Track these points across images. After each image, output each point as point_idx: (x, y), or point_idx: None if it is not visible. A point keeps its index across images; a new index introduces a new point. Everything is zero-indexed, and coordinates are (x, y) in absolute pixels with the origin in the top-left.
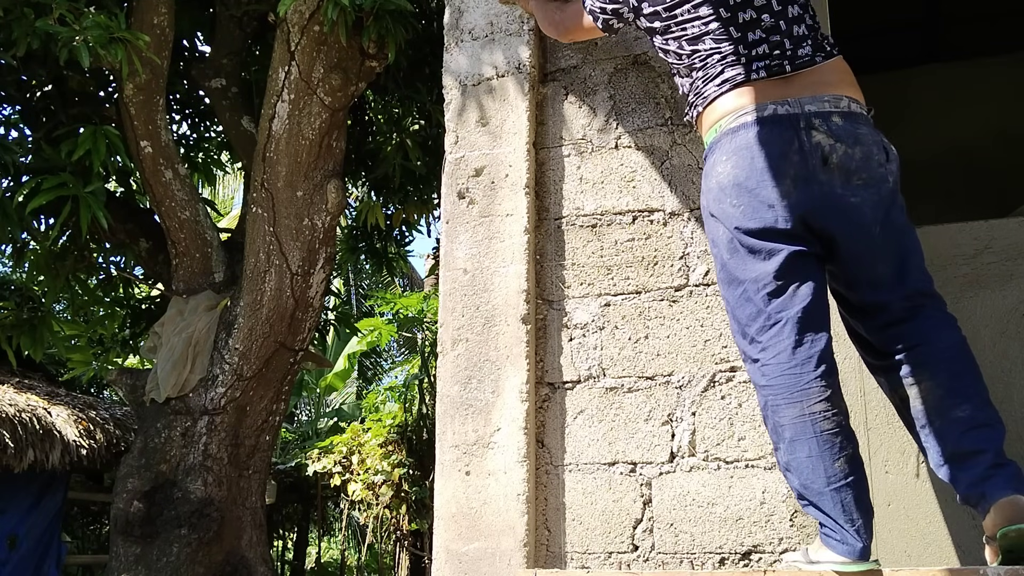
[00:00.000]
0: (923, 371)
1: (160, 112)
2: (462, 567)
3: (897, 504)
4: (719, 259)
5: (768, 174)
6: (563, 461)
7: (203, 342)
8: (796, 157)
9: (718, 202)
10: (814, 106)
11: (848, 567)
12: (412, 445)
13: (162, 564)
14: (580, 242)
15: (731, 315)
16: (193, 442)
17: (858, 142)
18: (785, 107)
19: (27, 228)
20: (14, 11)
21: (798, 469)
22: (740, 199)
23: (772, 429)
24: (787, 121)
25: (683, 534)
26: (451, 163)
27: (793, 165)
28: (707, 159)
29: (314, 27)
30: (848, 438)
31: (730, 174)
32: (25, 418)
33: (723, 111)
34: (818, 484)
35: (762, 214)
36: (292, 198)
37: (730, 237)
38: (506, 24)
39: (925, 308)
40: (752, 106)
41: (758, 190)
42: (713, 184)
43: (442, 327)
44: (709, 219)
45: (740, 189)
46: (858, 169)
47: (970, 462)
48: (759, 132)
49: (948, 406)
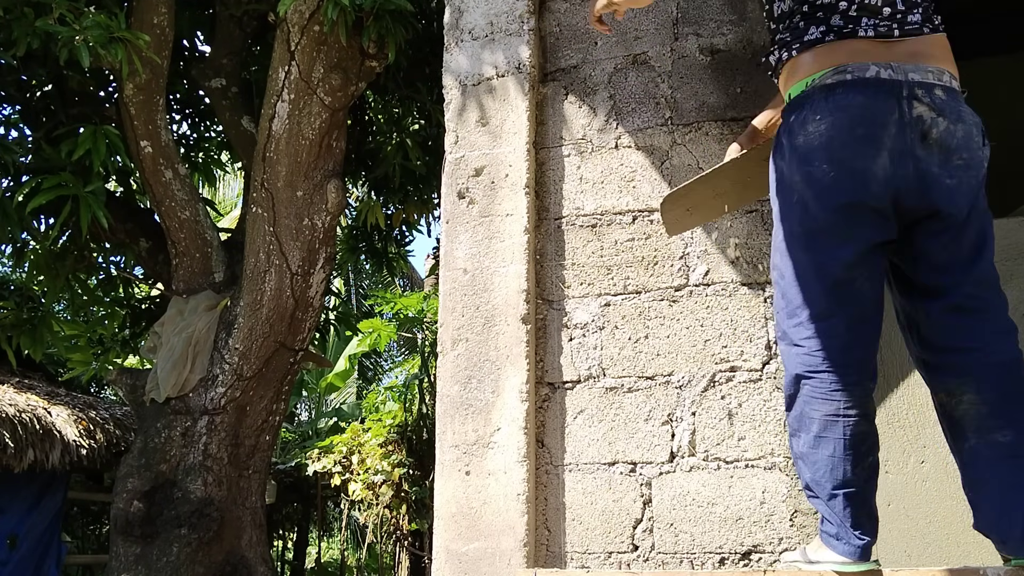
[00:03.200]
0: (969, 382)
1: (160, 112)
2: (462, 567)
3: (897, 504)
4: (786, 224)
5: (866, 144)
6: (563, 461)
7: (203, 342)
8: (894, 128)
9: (804, 163)
10: (918, 75)
11: (848, 567)
12: (412, 445)
13: (162, 564)
14: (580, 242)
15: (781, 289)
16: (193, 442)
17: (960, 119)
18: (889, 71)
19: (27, 228)
20: (14, 11)
21: (815, 464)
22: (832, 166)
23: (796, 416)
24: (889, 87)
25: (683, 534)
26: (451, 163)
27: (891, 137)
28: (792, 113)
29: (314, 27)
30: (872, 447)
31: (824, 135)
32: (25, 418)
33: (820, 63)
34: (832, 484)
35: (853, 187)
36: (292, 198)
37: (807, 206)
38: (506, 24)
39: (990, 309)
40: (854, 65)
41: (853, 160)
42: (800, 142)
43: (442, 327)
44: (785, 179)
45: (832, 155)
46: (958, 148)
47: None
48: (861, 95)
49: (990, 427)
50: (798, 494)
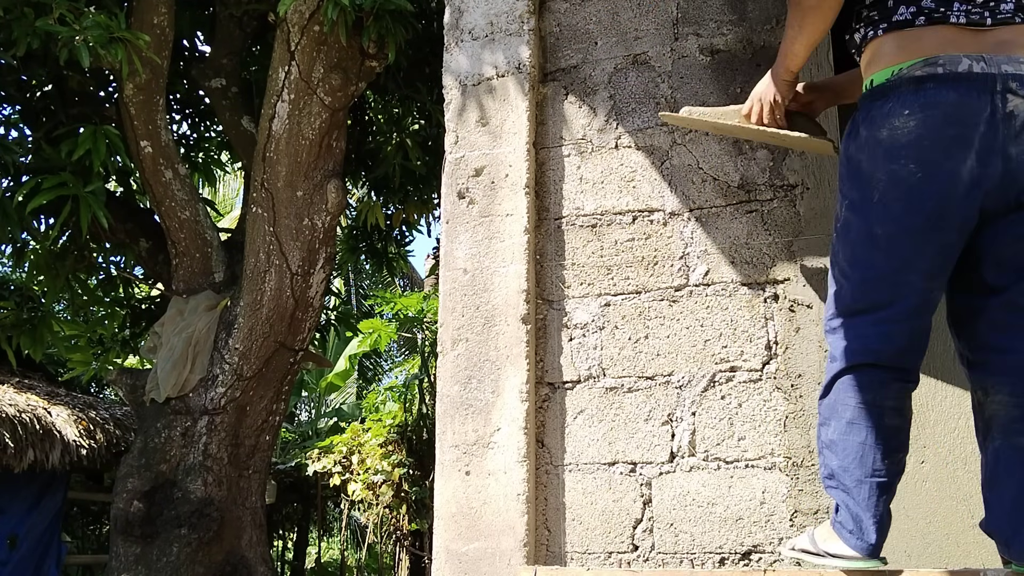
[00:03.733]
0: (1006, 382)
1: (160, 112)
2: (462, 567)
3: (897, 504)
4: (861, 219)
5: (958, 145)
6: (563, 461)
7: (203, 342)
8: (984, 127)
9: (889, 159)
10: (1011, 67)
11: (857, 563)
12: (412, 445)
13: (162, 564)
14: (580, 242)
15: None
16: (193, 442)
17: None
18: (981, 64)
19: (27, 228)
20: (14, 11)
21: (843, 451)
22: (920, 167)
23: (829, 405)
24: (982, 82)
25: (683, 534)
26: (451, 163)
27: (981, 136)
28: (874, 102)
29: (314, 27)
30: (903, 446)
31: (912, 132)
32: (25, 418)
33: (908, 51)
34: (861, 471)
35: (941, 191)
36: (292, 198)
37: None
38: (506, 24)
39: None
40: (946, 57)
41: (943, 163)
42: (884, 135)
43: (442, 327)
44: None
45: (922, 155)
46: None
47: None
48: (953, 92)
49: (1017, 430)
50: (798, 494)
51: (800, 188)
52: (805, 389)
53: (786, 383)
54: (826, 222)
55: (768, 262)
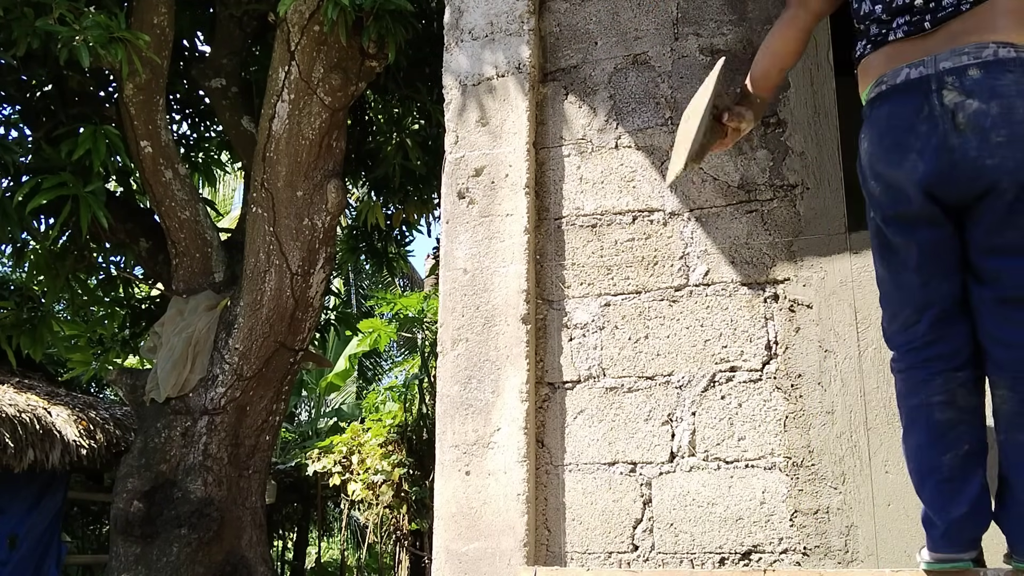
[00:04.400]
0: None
1: (160, 112)
2: (462, 567)
3: (897, 504)
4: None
5: (895, 152)
6: (563, 461)
7: (203, 342)
8: (924, 126)
9: (863, 182)
10: (949, 62)
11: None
12: (412, 445)
13: (162, 564)
14: (580, 242)
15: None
16: (193, 442)
17: (995, 95)
18: (919, 69)
19: (27, 228)
20: (14, 11)
21: (908, 458)
22: (877, 182)
23: (902, 416)
24: (917, 86)
25: (683, 534)
26: (451, 163)
27: (920, 136)
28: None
29: (314, 27)
30: (965, 436)
31: (866, 152)
32: (25, 418)
33: (866, 76)
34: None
35: (895, 198)
36: (292, 198)
37: (874, 221)
38: (506, 24)
39: None
40: (888, 73)
41: (887, 173)
42: (861, 161)
43: (442, 327)
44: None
45: (874, 170)
46: (995, 126)
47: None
48: (887, 105)
49: (1018, 426)
50: (798, 494)
51: (800, 188)
52: (805, 389)
53: (786, 383)
54: (826, 222)
55: (768, 262)
